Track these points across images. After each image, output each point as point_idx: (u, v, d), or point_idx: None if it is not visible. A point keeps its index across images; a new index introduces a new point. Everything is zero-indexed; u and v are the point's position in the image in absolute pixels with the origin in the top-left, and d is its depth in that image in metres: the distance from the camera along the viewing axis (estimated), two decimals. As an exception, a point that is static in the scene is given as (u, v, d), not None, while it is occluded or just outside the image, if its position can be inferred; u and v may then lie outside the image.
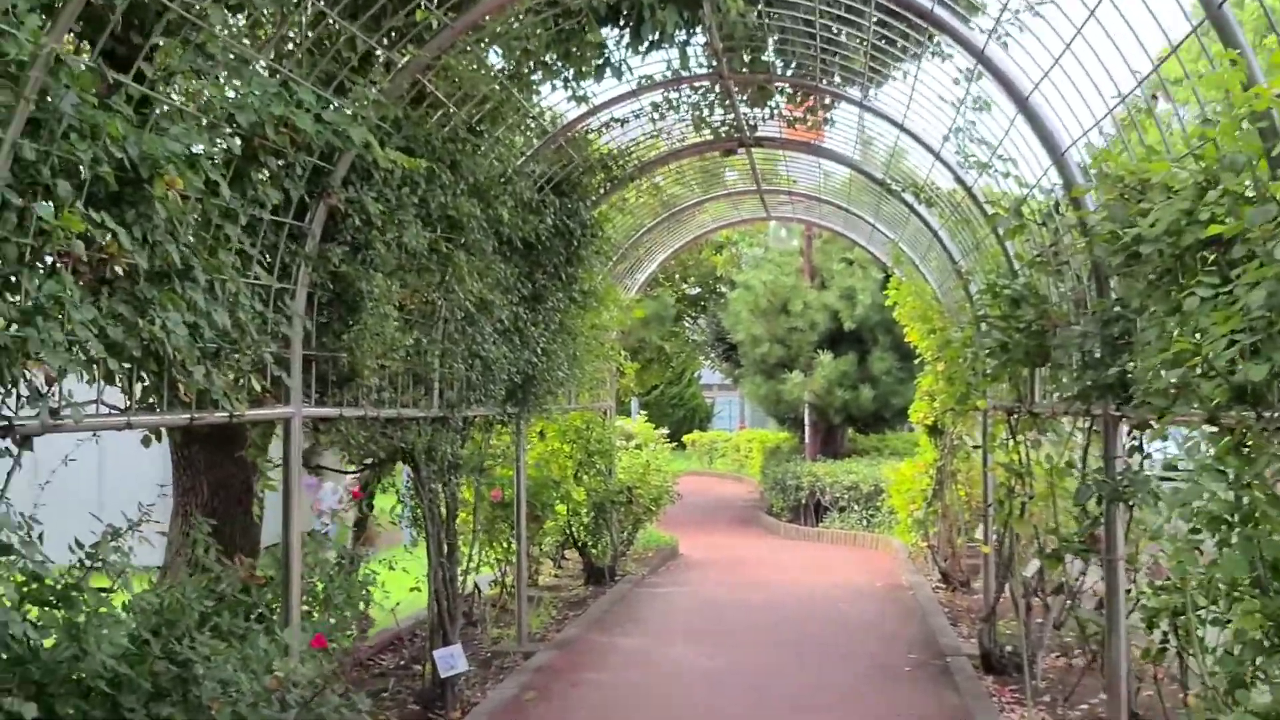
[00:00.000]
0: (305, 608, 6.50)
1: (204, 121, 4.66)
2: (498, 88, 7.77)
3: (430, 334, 7.93)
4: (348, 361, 6.48)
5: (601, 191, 10.58)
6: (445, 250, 7.47)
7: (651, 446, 18.44)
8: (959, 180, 8.91)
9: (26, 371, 3.71)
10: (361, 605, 7.06)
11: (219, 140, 4.68)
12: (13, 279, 3.62)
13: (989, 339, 7.50)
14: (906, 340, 22.38)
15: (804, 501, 21.14)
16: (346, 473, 9.64)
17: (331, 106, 5.45)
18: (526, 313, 9.62)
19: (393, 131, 6.51)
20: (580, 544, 14.41)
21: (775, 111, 10.01)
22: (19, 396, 3.74)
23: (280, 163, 5.40)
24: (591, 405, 14.14)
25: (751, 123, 10.37)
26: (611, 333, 14.58)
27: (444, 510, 8.62)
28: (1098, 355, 6.15)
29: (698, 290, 28.63)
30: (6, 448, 3.78)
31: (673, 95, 9.95)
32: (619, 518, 15.06)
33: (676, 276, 28.47)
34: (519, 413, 10.11)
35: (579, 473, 14.23)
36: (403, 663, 9.89)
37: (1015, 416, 8.70)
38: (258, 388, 5.33)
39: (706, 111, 10.21)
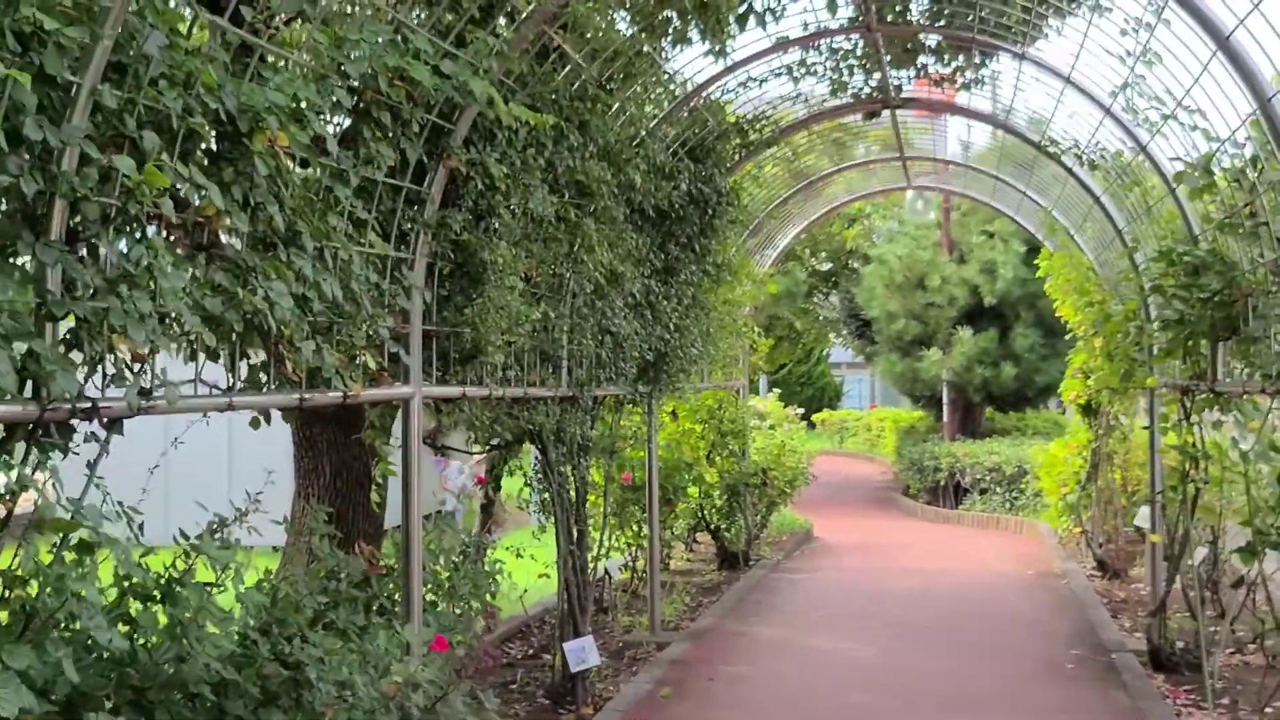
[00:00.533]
0: (430, 597, 6.11)
1: (310, 72, 4.24)
2: (629, 42, 7.26)
3: (558, 308, 7.49)
4: (470, 337, 6.04)
5: (736, 158, 10.02)
6: (574, 218, 7.01)
7: (785, 426, 17.84)
8: (1132, 137, 8.16)
9: (117, 348, 3.32)
10: (488, 596, 6.65)
11: (328, 93, 4.24)
12: (94, 242, 3.22)
13: (1167, 311, 6.79)
14: (1053, 315, 21.57)
15: (942, 483, 20.38)
16: (472, 453, 9.28)
17: (451, 58, 5.00)
18: (659, 286, 9.13)
19: (517, 88, 6.06)
20: (713, 528, 13.92)
21: (921, 72, 9.36)
22: (105, 375, 3.35)
23: (396, 120, 4.97)
24: (724, 384, 13.62)
25: (896, 83, 9.73)
26: (744, 308, 14.04)
27: (573, 494, 8.20)
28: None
29: (829, 265, 27.86)
30: (93, 432, 3.39)
31: (811, 57, 9.37)
32: (753, 500, 14.53)
33: (807, 252, 27.76)
34: (650, 392, 9.64)
35: (711, 454, 13.73)
36: (531, 652, 9.49)
37: (1192, 395, 7.97)
38: (374, 365, 4.91)
39: (847, 73, 9.60)
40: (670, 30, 7.51)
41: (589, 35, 6.79)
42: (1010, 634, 10.33)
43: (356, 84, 4.45)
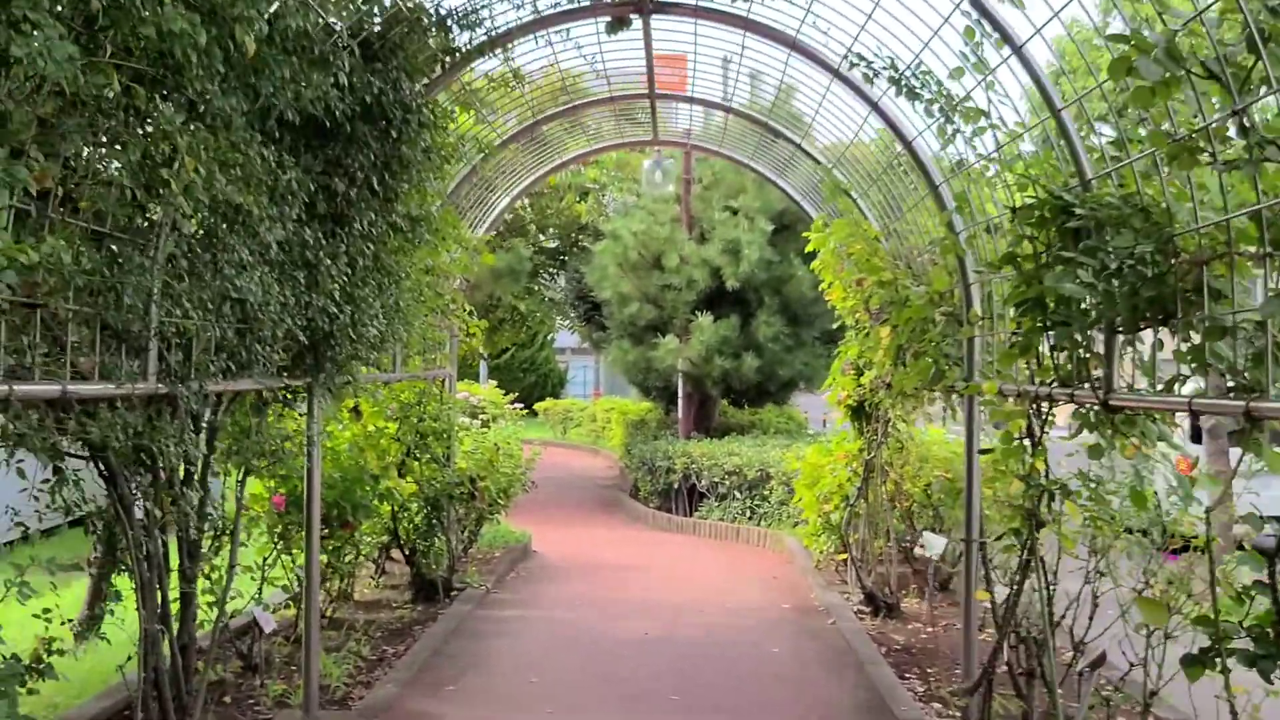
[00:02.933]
0: None
1: None
2: None
3: (135, 257, 4.68)
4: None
5: (438, 69, 7.32)
6: (143, 103, 4.22)
7: (501, 423, 15.24)
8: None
9: None
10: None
11: None
12: None
13: (1067, 284, 4.51)
14: (800, 303, 19.75)
15: (676, 486, 18.23)
16: None
17: None
18: (320, 238, 6.38)
19: None
20: (409, 549, 11.20)
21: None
22: None
23: None
24: (424, 373, 10.91)
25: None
26: (454, 280, 11.38)
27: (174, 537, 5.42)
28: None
29: (557, 243, 25.41)
30: None
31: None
32: (459, 516, 11.89)
33: (534, 228, 25.22)
34: (311, 384, 6.89)
35: (408, 460, 11.02)
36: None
37: (1052, 407, 5.82)
38: None
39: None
40: None
41: None
42: (778, 708, 8.04)
43: None
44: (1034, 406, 6.12)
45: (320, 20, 5.71)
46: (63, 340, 4.39)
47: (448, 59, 7.30)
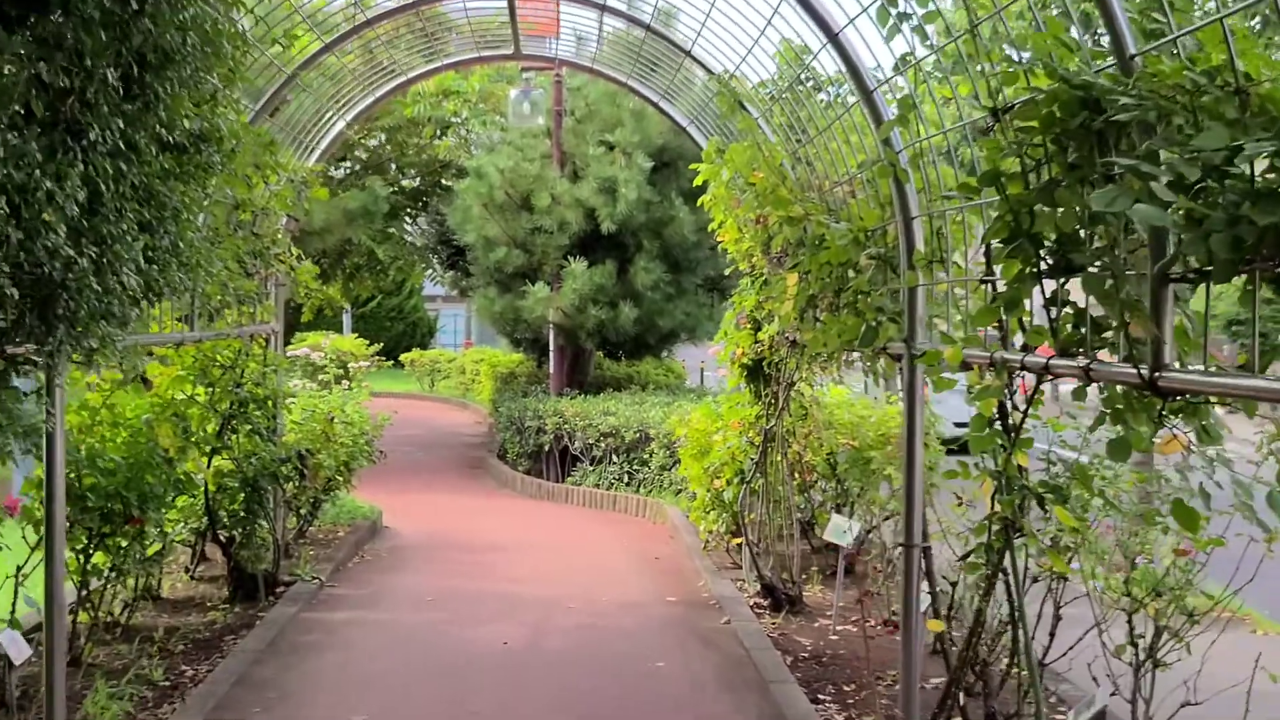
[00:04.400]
0: None
1: None
2: None
3: None
4: None
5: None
6: None
7: (344, 385, 13.40)
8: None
9: None
10: None
11: None
12: None
13: (1132, 206, 2.93)
14: (681, 247, 18.07)
15: (547, 448, 16.59)
16: None
17: None
18: (37, 153, 4.54)
19: None
20: (226, 538, 9.38)
21: None
22: None
23: None
24: (237, 330, 9.03)
25: None
26: (278, 219, 9.53)
27: None
28: None
29: (418, 182, 23.38)
30: None
31: None
32: (287, 497, 10.09)
33: (392, 166, 23.19)
34: (41, 351, 5.05)
35: (225, 433, 9.17)
36: None
37: (1108, 388, 4.31)
38: None
39: None
40: None
41: None
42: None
43: None
44: (1010, 380, 4.59)
45: None
46: None
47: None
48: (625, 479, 15.29)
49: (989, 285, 4.69)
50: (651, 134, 17.34)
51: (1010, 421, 4.68)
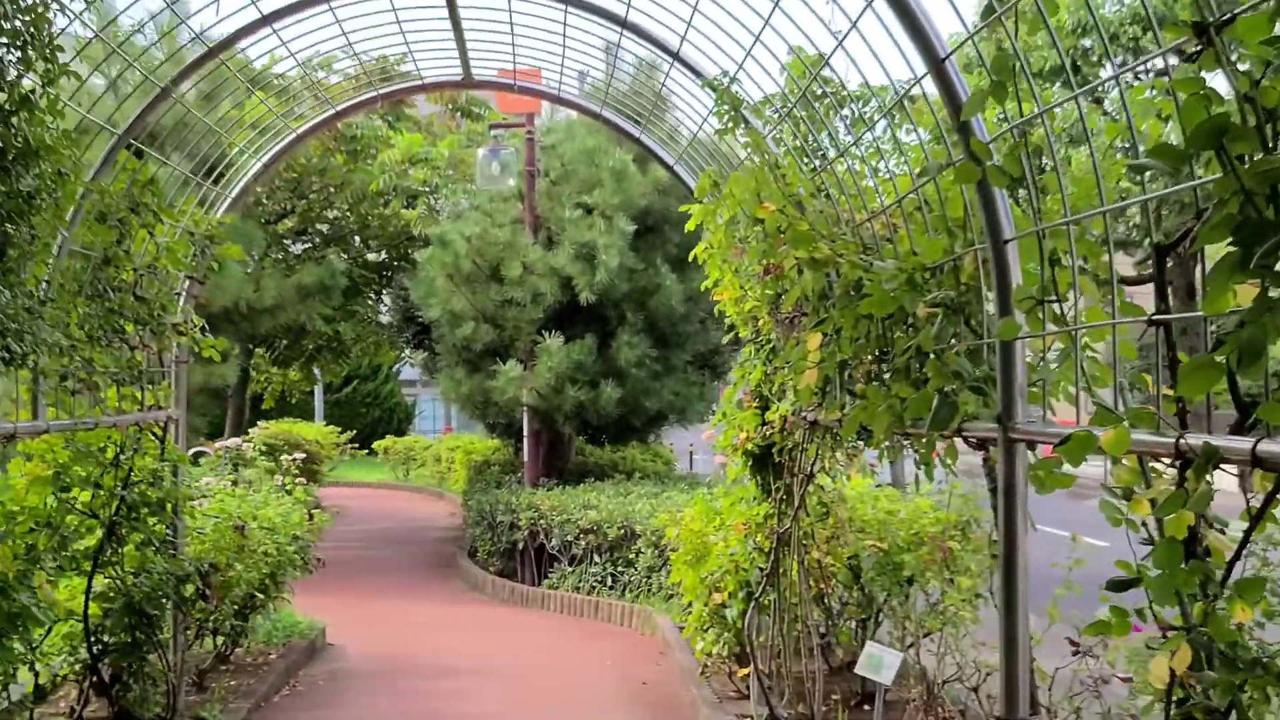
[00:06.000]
0: None
1: None
2: None
3: None
4: None
5: None
6: None
7: (276, 479, 11.53)
8: None
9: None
10: None
11: None
12: None
13: None
14: (668, 319, 16.25)
15: (521, 545, 14.73)
16: None
17: None
18: None
19: None
20: (110, 679, 7.48)
21: None
22: None
23: None
24: (113, 419, 7.16)
25: None
26: (180, 281, 7.79)
27: None
28: None
29: (383, 256, 21.69)
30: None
31: None
32: (188, 622, 8.21)
33: (356, 239, 21.54)
34: None
35: (108, 546, 7.30)
36: None
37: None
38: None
39: None
40: None
41: None
42: None
43: None
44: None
45: None
46: None
47: None
48: (608, 581, 13.43)
49: (1162, 330, 2.95)
50: (634, 195, 15.67)
51: (1203, 546, 2.90)
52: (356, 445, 31.19)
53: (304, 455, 14.54)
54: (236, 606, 8.90)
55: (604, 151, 15.75)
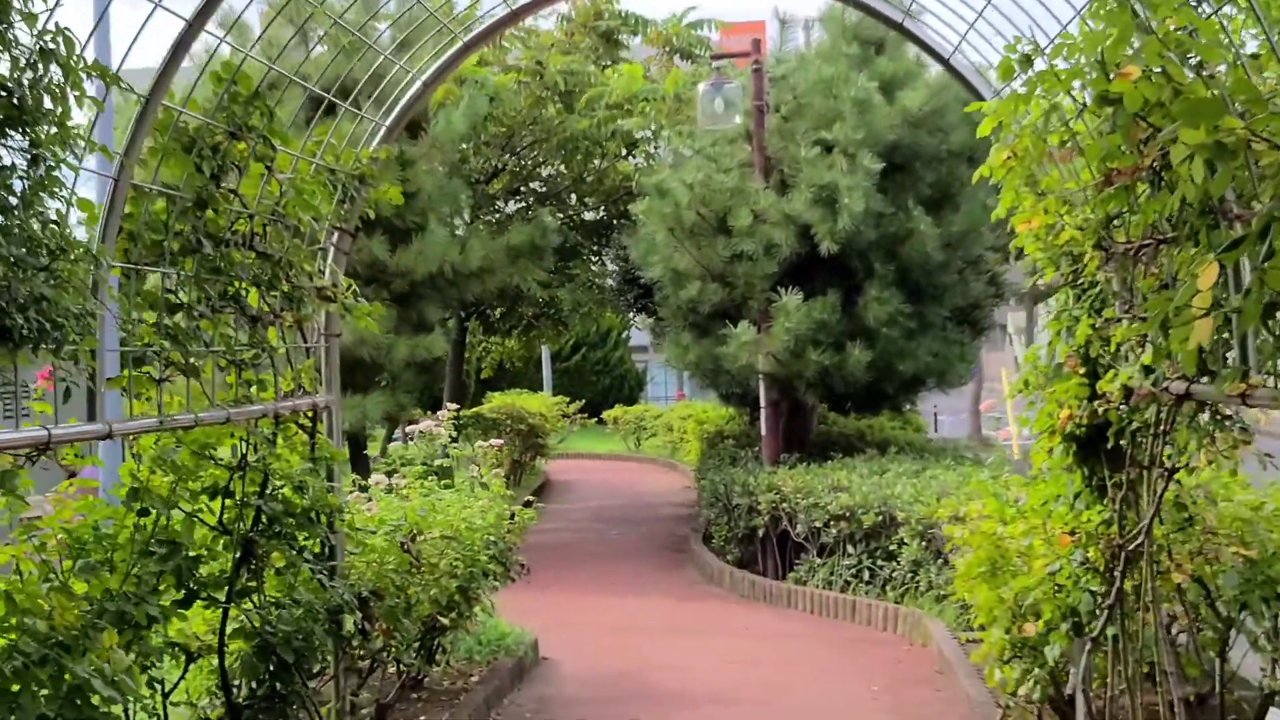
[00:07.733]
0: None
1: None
2: None
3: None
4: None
5: None
6: None
7: (470, 477, 9.91)
8: None
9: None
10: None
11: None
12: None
13: None
14: (923, 269, 14.06)
15: (762, 532, 12.88)
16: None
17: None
18: None
19: None
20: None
21: None
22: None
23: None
24: (238, 410, 5.55)
25: None
26: (324, 233, 6.20)
27: None
28: None
29: (601, 214, 20.06)
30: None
31: None
32: (348, 662, 6.63)
33: (573, 197, 19.98)
34: None
35: (243, 570, 5.74)
36: None
37: None
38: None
39: None
40: None
41: None
42: None
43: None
44: None
45: None
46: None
47: None
48: (865, 576, 11.45)
49: None
50: (880, 128, 13.52)
51: None
52: (586, 415, 29.96)
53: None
54: (420, 632, 7.31)
55: (844, 80, 13.65)
